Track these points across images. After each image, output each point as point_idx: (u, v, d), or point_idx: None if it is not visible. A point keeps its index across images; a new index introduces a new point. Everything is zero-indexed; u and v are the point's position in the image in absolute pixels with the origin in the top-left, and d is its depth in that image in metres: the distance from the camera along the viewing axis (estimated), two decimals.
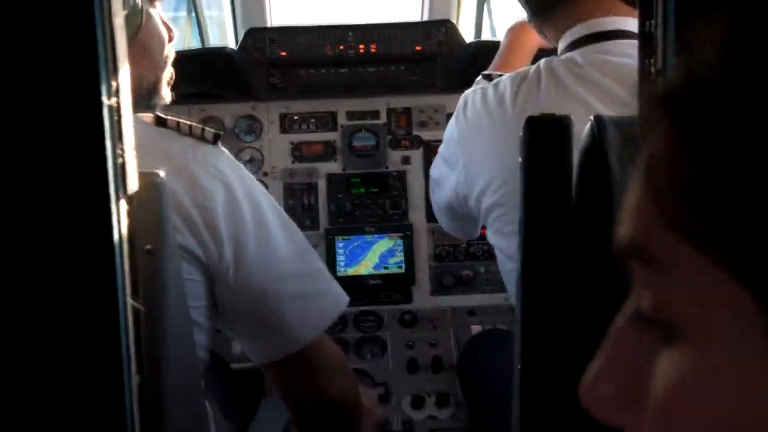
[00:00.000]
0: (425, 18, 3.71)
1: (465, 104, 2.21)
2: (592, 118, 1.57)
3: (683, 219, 0.51)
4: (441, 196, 2.42)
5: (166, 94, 2.00)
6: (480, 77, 2.31)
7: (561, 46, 2.18)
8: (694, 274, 0.52)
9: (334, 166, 3.59)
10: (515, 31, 2.84)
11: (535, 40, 2.80)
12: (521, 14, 2.88)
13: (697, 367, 0.53)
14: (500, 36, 3.11)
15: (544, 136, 1.59)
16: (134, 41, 1.84)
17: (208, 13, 3.94)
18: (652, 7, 1.23)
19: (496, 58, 2.85)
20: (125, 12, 1.83)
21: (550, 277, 1.66)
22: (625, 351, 0.58)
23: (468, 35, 3.82)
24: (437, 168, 2.43)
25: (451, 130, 2.29)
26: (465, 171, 2.21)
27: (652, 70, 1.23)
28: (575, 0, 2.14)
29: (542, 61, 2.14)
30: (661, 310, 0.54)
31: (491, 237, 2.25)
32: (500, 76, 2.21)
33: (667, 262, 0.53)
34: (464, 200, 2.26)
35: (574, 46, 2.13)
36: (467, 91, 2.26)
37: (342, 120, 3.58)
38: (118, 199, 1.12)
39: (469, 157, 2.20)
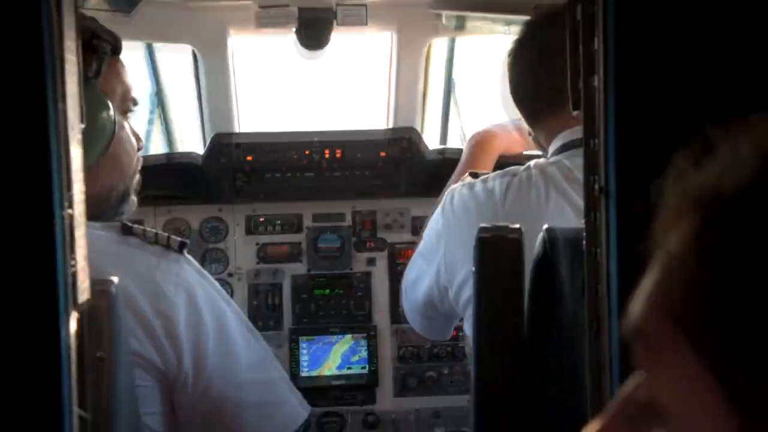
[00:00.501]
0: (390, 125, 3.76)
1: (452, 197, 2.27)
2: (543, 230, 1.59)
3: (686, 319, 0.54)
4: (417, 296, 2.43)
5: (134, 202, 2.03)
6: (467, 175, 2.37)
7: (551, 149, 2.23)
8: (683, 366, 0.55)
9: (299, 267, 3.59)
10: (478, 138, 2.90)
11: (496, 147, 2.86)
12: (484, 122, 2.96)
13: None
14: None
15: (495, 250, 1.61)
16: (107, 152, 1.87)
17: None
18: (595, 126, 1.26)
19: (460, 164, 2.90)
20: (100, 123, 1.85)
21: (503, 384, 1.66)
22: (621, 427, 0.61)
23: (434, 141, 3.88)
24: (413, 269, 2.46)
25: (434, 222, 2.34)
26: (446, 261, 2.24)
27: (596, 186, 1.26)
28: (564, 107, 2.19)
29: (532, 163, 2.20)
30: (652, 392, 0.57)
31: (468, 329, 2.27)
32: (486, 174, 2.28)
33: (663, 351, 0.56)
34: (444, 292, 2.27)
35: (562, 149, 2.18)
36: (453, 186, 2.33)
37: (308, 222, 3.59)
38: (67, 308, 1.12)
39: (451, 246, 2.23)
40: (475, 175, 2.31)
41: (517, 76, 2.28)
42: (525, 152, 2.97)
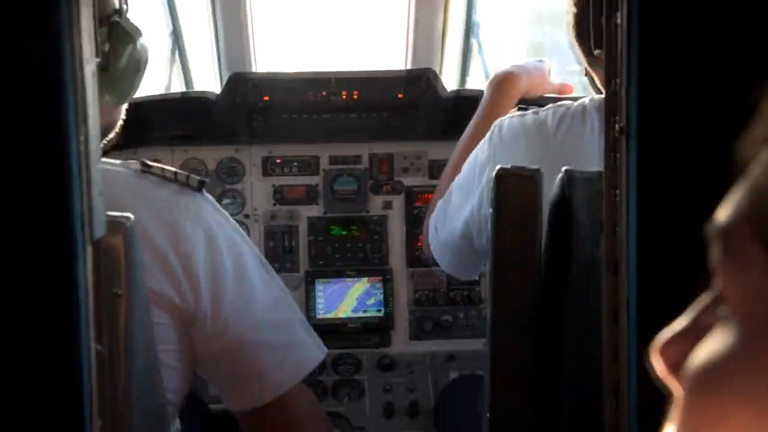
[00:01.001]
0: (408, 66, 3.73)
1: (500, 127, 2.25)
2: (562, 172, 1.58)
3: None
4: (452, 230, 2.41)
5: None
6: (515, 108, 2.39)
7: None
8: (758, 270, 0.56)
9: (315, 210, 3.59)
10: (499, 81, 2.87)
11: (518, 89, 2.83)
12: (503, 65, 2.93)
13: (739, 347, 0.57)
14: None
15: (512, 189, 1.60)
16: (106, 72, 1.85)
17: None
18: (616, 66, 1.24)
19: (481, 107, 2.87)
20: (134, 58, 1.84)
21: (519, 327, 1.67)
22: (703, 320, 0.62)
23: (452, 83, 3.85)
24: (448, 204, 2.44)
25: (479, 152, 2.31)
26: (489, 189, 2.22)
27: (617, 127, 1.25)
28: None
29: (587, 99, 2.19)
30: (726, 289, 0.59)
31: None
32: (537, 107, 2.28)
33: (741, 257, 0.57)
34: (484, 222, 2.20)
35: None
36: (501, 118, 2.31)
37: (324, 164, 3.59)
38: (83, 244, 1.12)
39: None
40: (524, 109, 2.30)
41: (578, 10, 2.23)
42: (546, 95, 2.95)
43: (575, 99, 2.36)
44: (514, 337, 1.70)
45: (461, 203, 2.34)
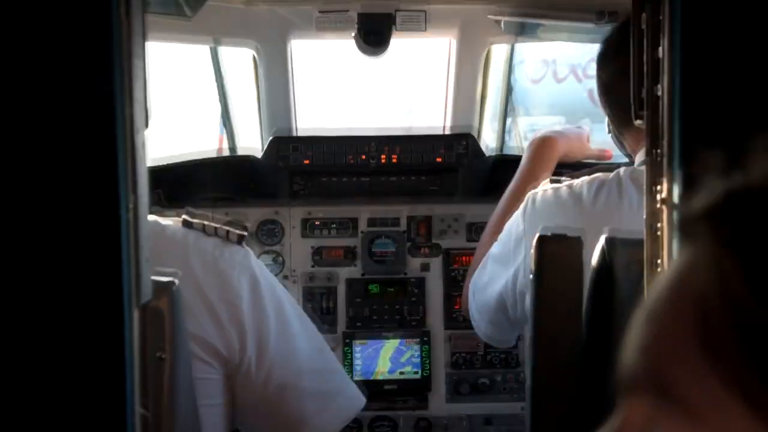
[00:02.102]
0: (447, 129, 3.76)
1: (533, 200, 2.23)
2: (603, 238, 1.58)
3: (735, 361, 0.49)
4: (487, 300, 2.39)
5: None
6: (546, 181, 2.32)
7: (638, 158, 2.18)
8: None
9: (353, 271, 3.60)
10: (538, 145, 2.87)
11: (557, 152, 2.84)
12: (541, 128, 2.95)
13: None
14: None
15: (555, 253, 1.60)
16: None
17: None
18: (658, 137, 1.25)
19: (520, 168, 2.88)
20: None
21: (559, 393, 1.65)
22: None
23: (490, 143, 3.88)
24: (485, 273, 2.41)
25: (513, 225, 2.29)
26: (525, 266, 2.15)
27: (658, 197, 1.25)
28: None
29: (622, 170, 2.16)
30: None
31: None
32: (569, 179, 2.24)
33: (698, 404, 0.50)
34: (520, 298, 2.19)
35: None
36: (533, 191, 2.28)
37: (363, 226, 3.60)
38: (131, 308, 1.14)
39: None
40: (556, 180, 2.26)
41: (608, 78, 2.23)
42: (583, 160, 2.95)
43: (611, 165, 2.36)
44: (555, 403, 1.68)
45: (496, 275, 2.32)
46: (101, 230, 1.11)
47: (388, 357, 3.54)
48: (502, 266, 2.28)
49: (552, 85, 6.52)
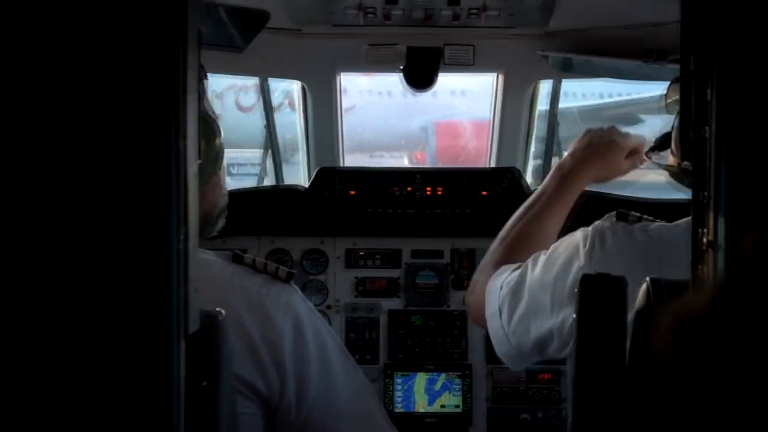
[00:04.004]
0: (493, 163, 3.78)
1: (602, 239, 2.02)
2: (647, 280, 1.57)
3: None
4: (522, 330, 2.16)
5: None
6: (611, 215, 2.12)
7: None
8: None
9: (396, 303, 3.61)
10: (598, 140, 2.55)
11: (615, 158, 2.53)
12: None
13: None
14: None
15: (598, 295, 1.59)
16: (216, 174, 1.96)
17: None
18: (705, 179, 1.24)
19: (543, 186, 2.56)
20: (216, 147, 1.94)
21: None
22: None
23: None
24: (522, 301, 2.15)
25: (573, 261, 2.05)
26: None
27: (704, 240, 1.24)
28: None
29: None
30: None
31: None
32: (639, 217, 2.07)
33: None
34: (568, 339, 2.01)
35: None
36: (598, 227, 2.06)
37: (406, 258, 3.62)
38: (178, 338, 1.15)
39: None
40: (623, 216, 2.09)
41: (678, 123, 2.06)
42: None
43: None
44: None
45: (542, 310, 2.09)
46: (152, 260, 1.13)
47: (429, 390, 3.54)
48: (554, 305, 2.06)
49: None
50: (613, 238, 2.00)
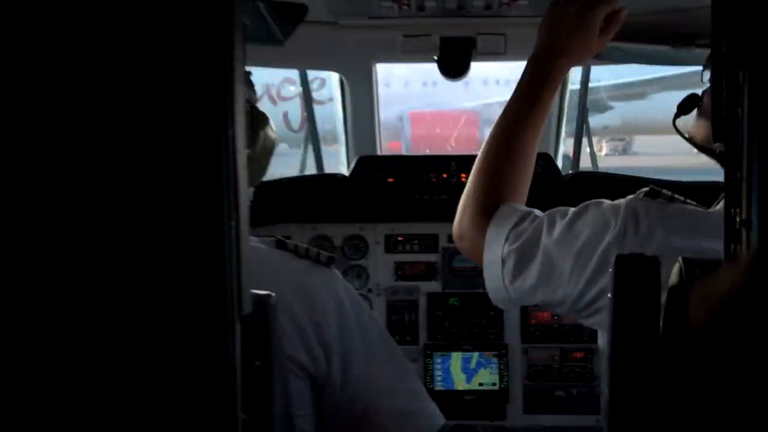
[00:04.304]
0: None
1: (636, 221, 1.90)
2: (680, 260, 1.56)
3: None
4: (528, 284, 2.00)
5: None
6: (644, 190, 1.97)
7: None
8: None
9: (434, 286, 3.62)
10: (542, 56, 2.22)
11: (565, 64, 2.23)
12: None
13: None
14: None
15: (633, 275, 1.59)
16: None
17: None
18: (740, 159, 1.24)
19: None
20: (270, 140, 1.95)
21: (637, 409, 1.64)
22: None
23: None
24: (535, 257, 1.98)
25: (604, 227, 1.92)
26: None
27: (738, 219, 1.24)
28: None
29: None
30: None
31: (602, 343, 1.99)
32: (671, 196, 1.95)
33: None
34: (586, 308, 1.95)
35: None
36: (631, 206, 1.93)
37: (443, 242, 3.63)
38: (233, 320, 1.17)
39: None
40: (656, 194, 1.96)
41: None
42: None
43: None
44: (632, 416, 1.67)
45: (564, 277, 1.94)
46: (207, 247, 1.14)
47: (465, 368, 3.55)
48: (572, 275, 1.93)
49: None
50: (647, 219, 1.89)
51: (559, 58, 2.16)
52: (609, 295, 1.62)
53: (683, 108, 2.16)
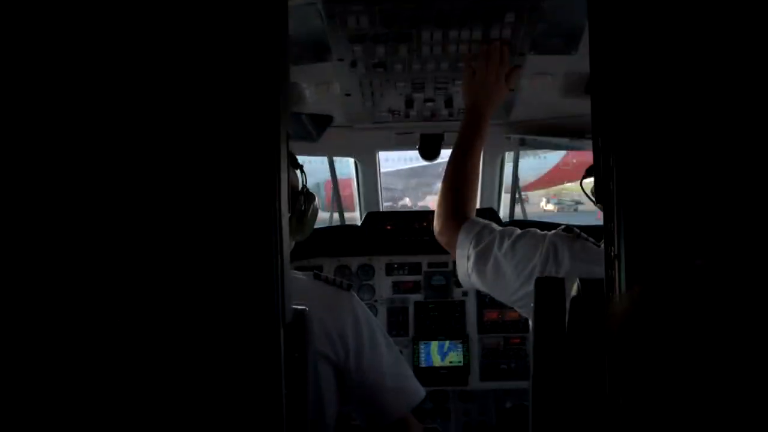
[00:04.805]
0: (478, 206, 3.76)
1: (555, 249, 1.88)
2: (578, 279, 1.55)
3: None
4: (485, 274, 1.98)
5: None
6: (562, 227, 1.94)
7: None
8: None
9: (419, 297, 3.60)
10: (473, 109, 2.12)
11: (488, 111, 2.13)
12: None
13: None
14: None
15: (548, 290, 1.58)
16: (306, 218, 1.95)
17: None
18: (612, 215, 1.23)
19: (468, 122, 2.13)
20: (314, 210, 1.93)
21: (551, 377, 1.62)
22: None
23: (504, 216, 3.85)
24: (488, 258, 1.97)
25: (533, 259, 1.90)
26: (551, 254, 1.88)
27: (612, 254, 1.23)
28: None
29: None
30: None
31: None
32: (579, 234, 1.91)
33: None
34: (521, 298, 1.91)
35: None
36: (551, 239, 1.91)
37: (424, 267, 3.61)
38: (279, 326, 1.16)
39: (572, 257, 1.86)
40: (569, 230, 1.93)
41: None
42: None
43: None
44: (549, 382, 1.65)
45: (505, 280, 1.93)
46: (262, 277, 1.14)
47: (440, 351, 3.51)
48: (510, 281, 1.92)
49: None
50: (561, 249, 1.90)
51: (485, 107, 2.11)
52: (531, 305, 1.61)
53: (587, 175, 2.19)
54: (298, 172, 1.91)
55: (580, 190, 2.13)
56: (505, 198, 3.92)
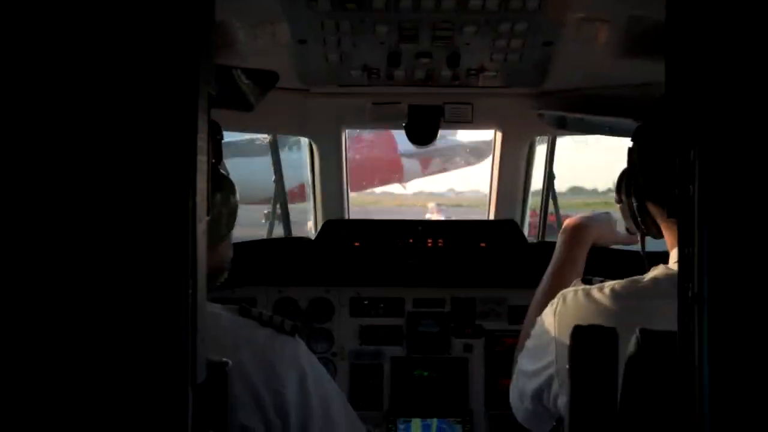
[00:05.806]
0: (491, 216, 3.79)
1: (564, 300, 2.16)
2: (638, 330, 1.57)
3: None
4: (525, 388, 2.29)
5: None
6: (578, 280, 2.24)
7: (673, 258, 2.12)
8: None
9: (398, 350, 3.61)
10: (570, 231, 2.87)
11: (590, 237, 2.83)
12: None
13: None
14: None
15: (590, 346, 1.60)
16: (229, 234, 1.97)
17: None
18: (689, 234, 1.25)
19: (555, 254, 2.87)
20: (232, 204, 1.95)
21: None
22: None
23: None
24: (524, 360, 2.31)
25: (546, 323, 2.20)
26: (557, 369, 2.11)
27: (690, 293, 1.25)
28: None
29: (659, 271, 2.07)
30: None
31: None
32: (601, 281, 2.16)
33: None
34: (555, 397, 2.14)
35: None
36: (564, 291, 2.20)
37: (409, 307, 3.63)
38: (186, 387, 1.16)
39: (564, 353, 1.96)
40: (587, 281, 2.20)
41: (647, 148, 2.15)
42: (612, 245, 2.95)
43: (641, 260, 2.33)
44: None
45: (534, 370, 2.23)
46: (163, 313, 1.14)
47: None
48: (536, 360, 2.21)
49: None
50: (574, 298, 2.14)
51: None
52: (567, 366, 1.63)
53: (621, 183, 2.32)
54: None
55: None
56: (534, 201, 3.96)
